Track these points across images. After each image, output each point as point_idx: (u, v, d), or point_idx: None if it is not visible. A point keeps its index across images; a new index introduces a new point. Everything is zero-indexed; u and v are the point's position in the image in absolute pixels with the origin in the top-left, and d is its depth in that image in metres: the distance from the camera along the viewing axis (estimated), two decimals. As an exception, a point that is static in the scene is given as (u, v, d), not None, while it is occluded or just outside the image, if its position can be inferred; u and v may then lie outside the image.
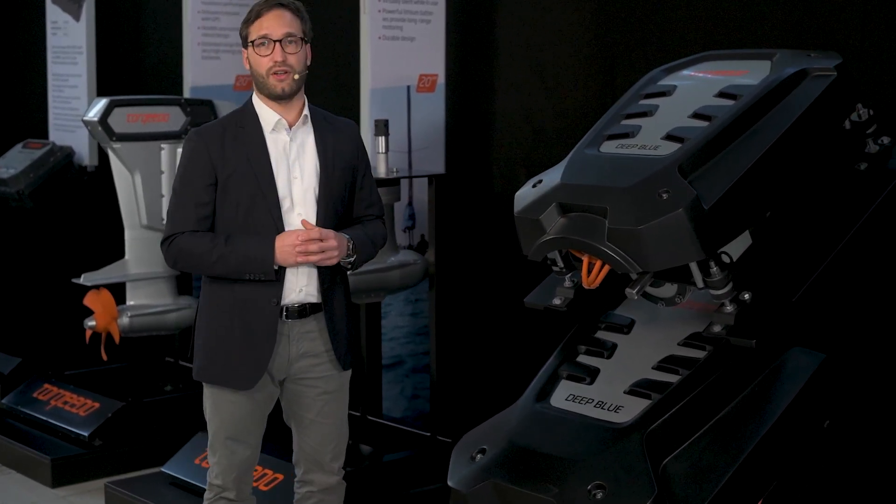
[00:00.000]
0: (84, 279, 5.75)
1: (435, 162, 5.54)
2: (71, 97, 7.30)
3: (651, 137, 3.43)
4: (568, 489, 3.27)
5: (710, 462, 3.26)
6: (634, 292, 3.34)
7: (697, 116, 3.44)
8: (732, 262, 3.38)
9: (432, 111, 5.52)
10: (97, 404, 6.03)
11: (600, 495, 3.20)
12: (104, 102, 5.75)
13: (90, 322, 5.69)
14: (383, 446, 5.28)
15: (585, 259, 3.35)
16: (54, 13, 7.42)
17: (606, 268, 3.30)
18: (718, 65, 3.75)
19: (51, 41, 7.47)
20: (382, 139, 4.98)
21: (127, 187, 5.80)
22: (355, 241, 3.70)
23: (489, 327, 5.52)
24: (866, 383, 3.63)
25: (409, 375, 5.72)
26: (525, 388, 3.69)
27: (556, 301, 3.71)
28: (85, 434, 5.85)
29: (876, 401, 3.66)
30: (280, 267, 3.63)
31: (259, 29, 3.64)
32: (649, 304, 3.65)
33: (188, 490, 5.12)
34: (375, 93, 5.33)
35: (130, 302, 5.91)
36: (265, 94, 3.69)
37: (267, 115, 3.70)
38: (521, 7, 5.40)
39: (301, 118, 3.72)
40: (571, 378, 3.62)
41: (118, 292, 5.85)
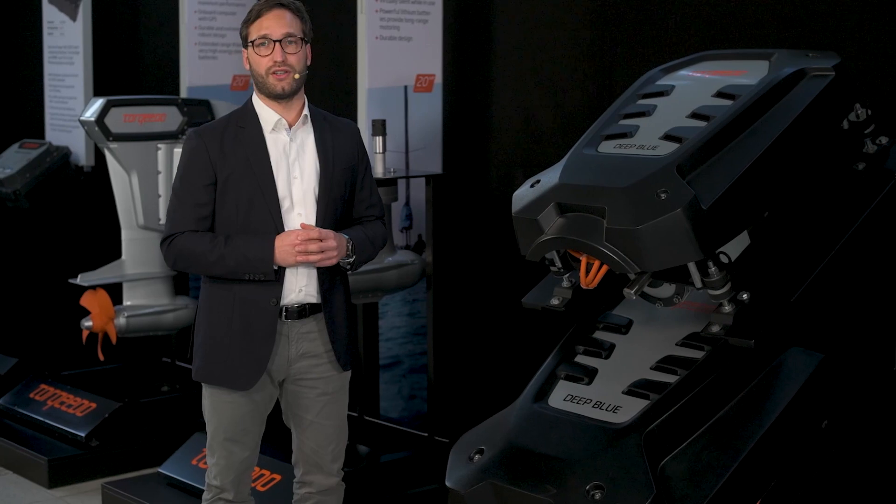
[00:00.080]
0: (81, 279, 5.75)
1: (432, 162, 5.53)
2: (67, 97, 7.28)
3: (649, 137, 3.43)
4: (566, 489, 3.27)
5: (709, 462, 3.26)
6: (633, 292, 3.34)
7: (696, 116, 3.44)
8: (731, 263, 3.38)
9: (429, 111, 5.51)
10: (94, 405, 6.02)
11: (599, 496, 3.20)
12: (101, 102, 5.74)
13: (87, 322, 5.68)
14: (381, 447, 5.27)
15: (583, 259, 3.34)
16: (51, 13, 7.40)
17: (605, 268, 3.30)
18: (716, 65, 3.75)
19: (47, 41, 7.46)
20: (380, 139, 4.98)
21: (124, 187, 5.80)
22: (355, 242, 3.69)
23: (487, 328, 5.51)
24: (864, 383, 3.63)
25: (407, 376, 5.72)
26: (523, 389, 3.68)
27: (554, 301, 3.70)
28: (82, 434, 5.84)
29: (874, 401, 3.65)
30: (279, 267, 3.62)
31: (259, 29, 3.63)
32: (647, 305, 3.65)
33: (185, 491, 5.11)
34: (373, 93, 5.32)
35: (127, 302, 5.91)
36: (265, 94, 3.68)
37: (267, 115, 3.70)
38: (519, 7, 5.39)
39: (301, 118, 3.72)
40: (569, 378, 3.62)
41: (115, 292, 5.85)
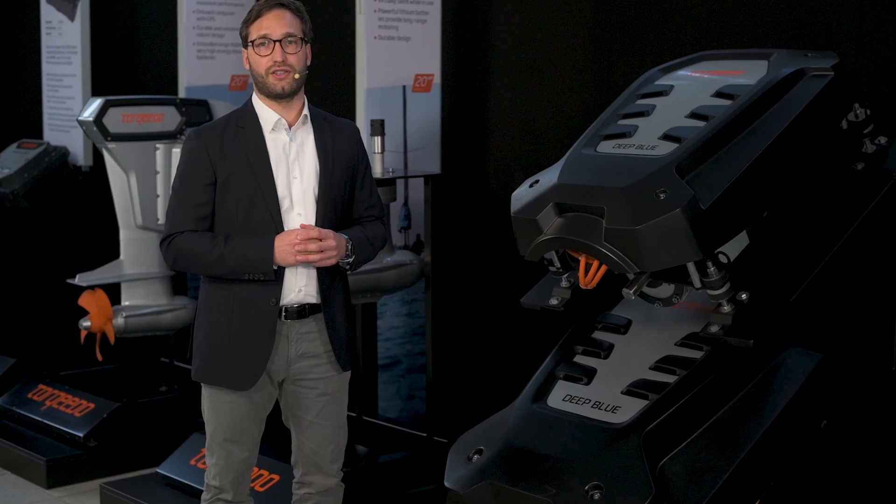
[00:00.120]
0: (79, 279, 5.74)
1: (431, 162, 5.53)
2: (66, 97, 7.28)
3: (648, 137, 3.43)
4: (565, 490, 3.26)
5: (708, 462, 3.25)
6: (631, 292, 3.33)
7: (695, 116, 3.44)
8: (730, 263, 3.38)
9: (428, 111, 5.51)
10: (92, 405, 6.02)
11: (597, 496, 3.20)
12: (99, 102, 5.74)
13: (85, 322, 5.68)
14: (379, 447, 5.27)
15: (582, 259, 3.34)
16: (49, 13, 7.39)
17: (603, 268, 3.30)
18: (715, 65, 3.75)
19: (45, 41, 7.45)
20: (378, 139, 4.98)
21: (122, 187, 5.79)
22: (354, 242, 3.69)
23: (485, 328, 5.51)
24: (863, 383, 3.63)
25: (405, 376, 5.71)
26: (522, 389, 3.68)
27: (553, 301, 3.70)
28: (80, 435, 5.83)
29: (873, 401, 3.65)
30: (279, 267, 3.62)
31: (259, 29, 3.63)
32: (646, 305, 3.65)
33: (183, 491, 5.11)
34: (371, 93, 5.32)
35: (125, 302, 5.90)
36: (265, 94, 3.68)
37: (267, 115, 3.69)
38: (517, 7, 5.39)
39: (301, 118, 3.71)
40: (568, 378, 3.61)
41: (113, 293, 5.84)
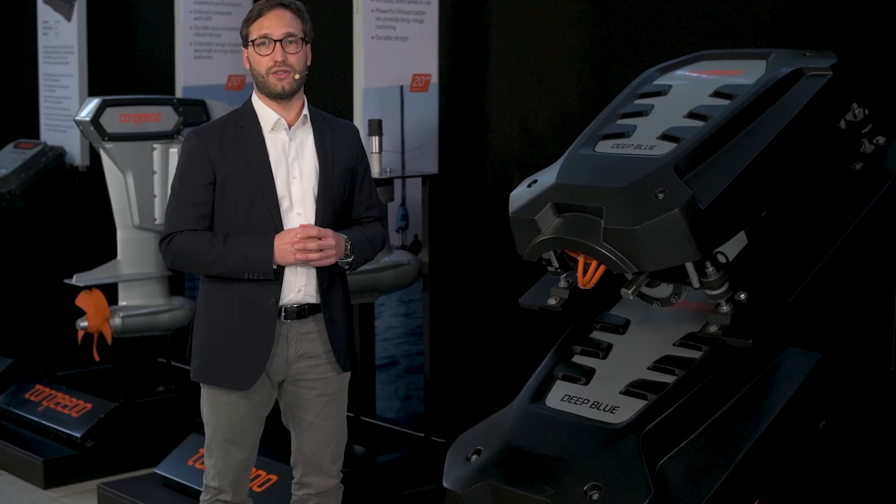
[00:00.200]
0: (76, 279, 5.74)
1: (428, 162, 5.53)
2: (62, 97, 7.27)
3: (646, 137, 3.42)
4: (564, 490, 3.26)
5: (707, 463, 3.25)
6: (630, 292, 3.33)
7: (693, 116, 3.43)
8: (728, 263, 3.38)
9: (425, 111, 5.51)
10: (89, 405, 6.01)
11: (596, 496, 3.19)
12: (96, 102, 5.73)
13: (82, 322, 5.67)
14: (377, 447, 5.26)
15: (581, 259, 3.34)
16: (46, 13, 7.39)
17: (602, 268, 3.29)
18: (714, 64, 3.75)
19: (42, 41, 7.44)
20: (376, 139, 4.98)
21: (119, 187, 5.78)
22: (353, 242, 3.68)
23: (483, 328, 5.51)
24: (862, 383, 3.63)
25: (403, 376, 5.71)
26: (520, 389, 3.68)
27: (551, 301, 3.70)
28: (77, 435, 5.82)
29: (872, 401, 3.65)
30: (279, 266, 3.62)
31: (260, 28, 3.62)
32: (645, 305, 3.65)
33: (181, 491, 5.10)
34: (368, 92, 5.31)
35: (123, 302, 5.89)
36: (265, 94, 3.68)
37: (266, 115, 3.69)
38: (515, 7, 5.38)
39: (301, 118, 3.71)
40: (567, 378, 3.61)
41: (110, 293, 5.84)
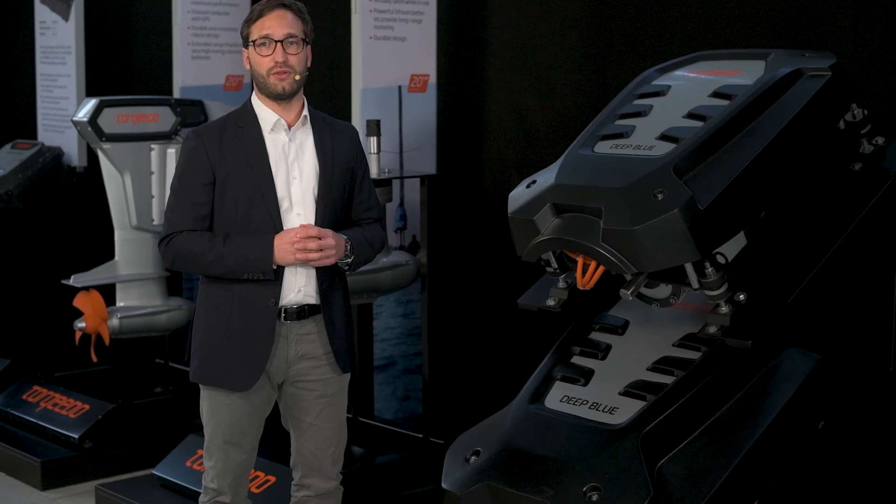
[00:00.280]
0: (74, 280, 5.73)
1: (426, 162, 5.52)
2: (60, 97, 7.26)
3: (645, 137, 3.42)
4: (563, 491, 3.26)
5: (706, 464, 3.25)
6: (629, 293, 3.33)
7: (692, 116, 3.43)
8: (727, 263, 3.37)
9: (424, 111, 5.50)
10: (87, 406, 6.00)
11: (596, 497, 3.19)
12: (94, 103, 5.72)
13: (80, 323, 5.66)
14: (375, 448, 5.25)
15: (580, 260, 3.33)
16: (43, 13, 7.37)
17: (601, 269, 3.29)
18: (713, 65, 3.75)
19: (39, 41, 7.43)
20: (374, 139, 4.97)
21: (117, 188, 5.78)
22: (353, 243, 3.68)
23: (482, 328, 5.50)
24: (861, 384, 3.62)
25: (401, 377, 5.70)
26: (519, 390, 3.67)
27: (550, 302, 3.69)
28: (75, 436, 5.81)
29: (871, 402, 3.64)
30: (279, 266, 3.61)
31: (261, 29, 3.62)
32: (644, 305, 3.64)
33: (179, 492, 5.09)
34: (367, 93, 5.31)
35: (120, 303, 5.88)
36: (265, 94, 3.67)
37: (266, 116, 3.68)
38: (513, 7, 5.38)
39: (300, 119, 3.70)
40: (566, 379, 3.61)
41: (108, 293, 5.83)
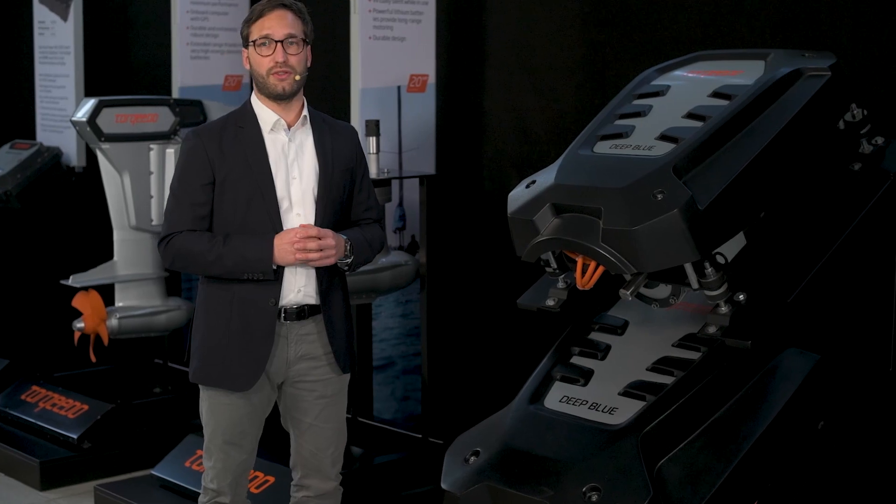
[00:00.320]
0: (73, 280, 5.72)
1: (425, 162, 5.52)
2: (59, 97, 7.26)
3: (645, 138, 3.42)
4: (562, 491, 3.26)
5: (705, 464, 3.25)
6: (628, 293, 3.32)
7: (692, 116, 3.43)
8: (727, 263, 3.37)
9: (423, 111, 5.50)
10: (86, 406, 5.99)
11: (595, 497, 3.19)
12: (93, 103, 5.72)
13: (79, 324, 5.66)
14: (374, 448, 5.25)
15: (579, 260, 3.33)
16: (41, 13, 7.37)
17: (601, 269, 3.29)
18: (712, 65, 3.75)
19: (38, 41, 7.42)
20: (373, 140, 4.97)
21: (116, 188, 5.77)
22: (353, 243, 3.68)
23: (481, 329, 5.50)
24: (861, 384, 3.62)
25: (400, 377, 5.70)
26: (518, 390, 3.67)
27: (550, 302, 3.69)
28: (74, 436, 5.81)
29: (870, 402, 3.64)
30: (279, 266, 3.61)
31: (261, 29, 3.62)
32: (643, 306, 3.64)
33: (178, 493, 5.09)
34: (366, 93, 5.31)
35: (119, 303, 5.88)
36: (265, 94, 3.67)
37: (266, 116, 3.68)
38: (512, 7, 5.38)
39: (300, 119, 3.70)
40: (565, 380, 3.61)
41: (107, 294, 5.82)
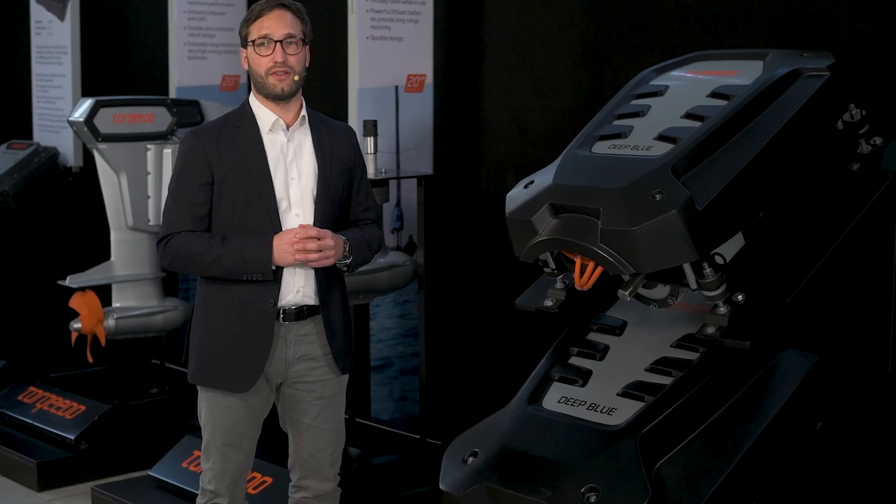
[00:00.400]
0: (70, 281, 5.72)
1: (423, 162, 5.51)
2: (56, 97, 7.25)
3: (643, 138, 3.41)
4: (561, 492, 3.25)
5: (704, 465, 3.24)
6: (627, 294, 3.32)
7: (690, 117, 3.42)
8: (726, 264, 3.37)
9: (420, 111, 5.49)
10: (83, 407, 5.99)
11: (594, 498, 3.19)
12: (90, 103, 5.72)
13: (76, 324, 5.65)
14: (372, 449, 5.25)
15: (578, 260, 3.32)
16: (38, 13, 7.36)
17: (599, 269, 3.28)
18: (710, 65, 3.74)
19: (35, 41, 7.41)
20: (371, 140, 4.96)
21: (113, 188, 5.77)
22: (352, 243, 3.67)
23: (479, 329, 5.50)
24: (860, 385, 3.62)
25: (398, 377, 5.69)
26: (516, 391, 3.67)
27: (548, 303, 3.69)
28: (71, 437, 5.80)
29: (869, 402, 3.64)
30: (278, 267, 3.60)
31: (260, 29, 3.61)
32: (642, 306, 3.64)
33: (175, 493, 5.08)
34: (363, 93, 5.30)
35: (116, 304, 5.88)
36: (263, 95, 3.66)
37: (264, 116, 3.67)
38: (510, 7, 5.38)
39: (299, 119, 3.69)
40: (564, 380, 3.60)
41: (104, 294, 5.82)
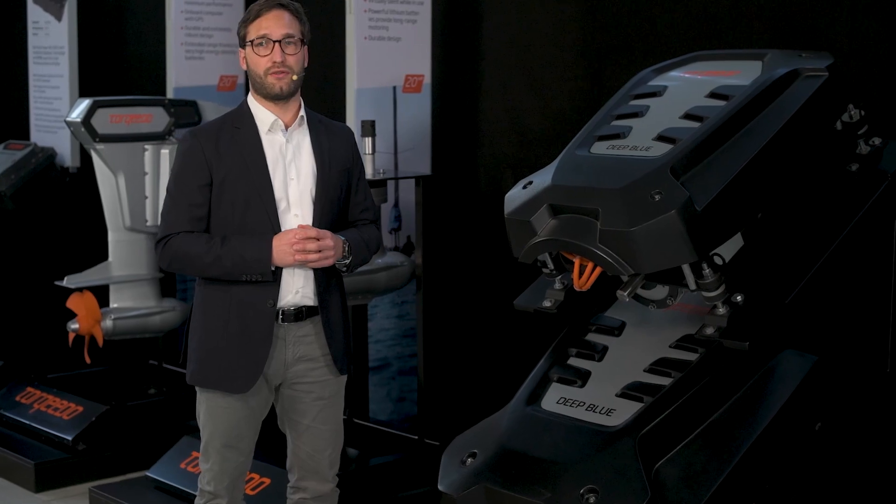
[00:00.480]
0: (67, 281, 5.71)
1: (421, 163, 5.51)
2: (53, 98, 7.24)
3: (642, 138, 3.41)
4: (560, 493, 3.25)
5: (703, 465, 3.24)
6: (626, 294, 3.32)
7: (689, 117, 3.42)
8: (725, 264, 3.37)
9: (418, 112, 5.49)
10: (81, 408, 5.98)
11: (593, 499, 3.18)
12: (87, 103, 5.71)
13: (73, 325, 5.64)
14: (370, 450, 5.25)
15: (577, 261, 3.32)
16: (36, 13, 7.35)
17: (598, 270, 3.28)
18: (709, 65, 3.74)
19: (32, 41, 7.40)
20: (369, 140, 4.96)
21: (110, 189, 5.76)
22: (351, 244, 3.67)
23: (477, 330, 5.49)
24: (858, 386, 3.62)
25: (396, 378, 5.69)
26: (515, 392, 3.66)
27: (546, 303, 3.69)
28: (69, 438, 5.79)
29: (868, 403, 3.64)
30: (277, 268, 3.59)
31: (258, 29, 3.61)
32: (640, 307, 3.63)
33: (173, 494, 5.08)
34: (361, 93, 5.30)
35: (114, 304, 5.87)
36: (262, 95, 3.66)
37: (263, 116, 3.67)
38: (508, 7, 5.37)
39: (297, 119, 3.69)
40: (562, 381, 3.60)
41: (101, 295, 5.81)
